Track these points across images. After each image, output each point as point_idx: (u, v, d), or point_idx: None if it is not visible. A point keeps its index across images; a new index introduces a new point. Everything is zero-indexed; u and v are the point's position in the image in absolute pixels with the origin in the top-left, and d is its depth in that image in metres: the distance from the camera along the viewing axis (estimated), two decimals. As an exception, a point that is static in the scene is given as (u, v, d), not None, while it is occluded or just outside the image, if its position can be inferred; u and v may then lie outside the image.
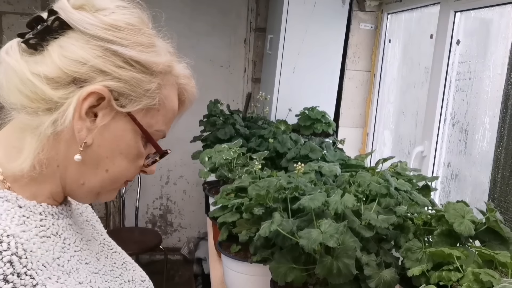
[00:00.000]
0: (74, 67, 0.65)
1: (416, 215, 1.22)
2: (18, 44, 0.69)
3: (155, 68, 0.70)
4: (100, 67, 0.66)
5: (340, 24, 2.56)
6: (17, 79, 0.66)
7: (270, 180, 1.32)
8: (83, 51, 0.66)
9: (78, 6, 0.69)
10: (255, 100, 3.24)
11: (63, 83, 0.66)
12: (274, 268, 1.14)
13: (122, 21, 0.69)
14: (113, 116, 0.69)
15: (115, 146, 0.70)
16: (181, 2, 3.21)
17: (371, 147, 2.65)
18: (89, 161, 0.70)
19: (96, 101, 0.67)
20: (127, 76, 0.68)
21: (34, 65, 0.66)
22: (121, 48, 0.67)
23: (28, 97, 0.66)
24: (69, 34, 0.67)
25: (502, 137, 1.56)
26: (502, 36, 1.65)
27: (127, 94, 0.68)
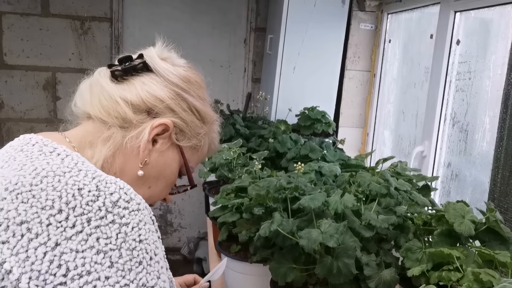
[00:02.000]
0: (153, 101, 0.83)
1: (416, 215, 1.22)
2: (106, 71, 0.86)
3: (207, 119, 0.90)
4: (172, 107, 0.85)
5: (340, 24, 2.56)
6: (107, 97, 0.83)
7: (270, 180, 1.32)
8: (162, 91, 0.84)
9: (162, 58, 0.88)
10: (255, 100, 3.24)
11: (140, 110, 0.83)
12: (274, 268, 1.14)
13: (192, 77, 0.90)
14: (169, 146, 0.86)
15: (163, 170, 0.87)
16: (181, 2, 3.21)
17: (371, 147, 2.64)
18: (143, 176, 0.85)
19: (161, 131, 0.84)
20: (188, 119, 0.87)
21: (122, 91, 0.83)
22: (189, 96, 0.87)
23: (108, 113, 0.82)
24: (149, 75, 0.85)
25: (502, 137, 1.56)
26: (502, 36, 1.65)
27: (185, 132, 0.87)
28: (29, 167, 0.71)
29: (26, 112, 3.15)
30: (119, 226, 0.67)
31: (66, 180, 0.69)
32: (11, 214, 0.66)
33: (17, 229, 0.65)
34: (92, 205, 0.67)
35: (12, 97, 3.12)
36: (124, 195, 0.69)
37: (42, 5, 3.04)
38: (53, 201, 0.66)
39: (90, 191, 0.68)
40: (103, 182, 0.70)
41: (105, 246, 0.65)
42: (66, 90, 3.36)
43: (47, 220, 0.65)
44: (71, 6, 3.07)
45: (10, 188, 0.68)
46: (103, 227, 0.66)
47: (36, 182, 0.68)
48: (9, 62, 3.06)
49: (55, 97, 3.17)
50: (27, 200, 0.67)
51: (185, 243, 3.75)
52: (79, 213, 0.66)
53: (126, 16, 3.15)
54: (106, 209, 0.67)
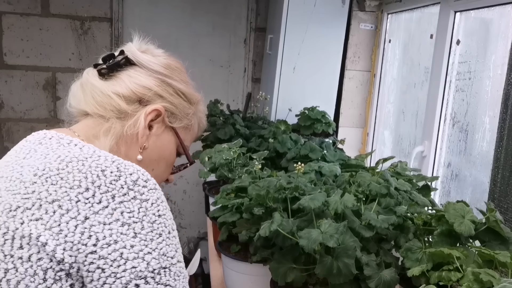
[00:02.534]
0: (142, 91, 0.91)
1: (416, 215, 1.22)
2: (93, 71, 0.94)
3: (193, 99, 0.99)
4: (160, 93, 0.93)
5: (340, 24, 2.56)
6: (99, 93, 0.90)
7: (270, 180, 1.32)
8: (148, 81, 0.92)
9: (142, 50, 0.96)
10: (255, 100, 3.24)
11: (132, 101, 0.91)
12: (274, 268, 1.14)
13: (173, 63, 0.98)
14: (164, 129, 0.95)
15: (162, 151, 0.96)
16: (181, 2, 3.21)
17: (371, 147, 2.64)
18: (143, 161, 0.92)
19: (155, 116, 0.92)
20: (176, 102, 0.95)
21: (112, 86, 0.91)
22: (173, 81, 0.95)
23: (104, 107, 0.90)
24: (134, 68, 0.93)
25: (502, 137, 1.56)
26: (502, 36, 1.65)
27: (175, 115, 0.95)
28: (53, 156, 0.78)
29: (26, 112, 3.15)
30: (140, 201, 0.74)
31: (89, 164, 0.76)
32: (42, 195, 0.73)
33: (49, 207, 0.72)
34: (115, 184, 0.74)
35: (12, 97, 3.12)
36: (142, 176, 0.77)
37: (42, 5, 3.04)
38: (80, 181, 0.74)
39: (112, 172, 0.75)
40: (122, 165, 0.77)
41: (128, 219, 0.72)
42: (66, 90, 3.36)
43: (75, 197, 0.72)
44: (71, 6, 3.07)
45: (39, 173, 0.76)
46: (126, 202, 0.73)
47: (62, 167, 0.76)
48: (9, 62, 3.06)
49: (55, 97, 3.17)
50: (56, 182, 0.74)
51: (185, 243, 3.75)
52: (104, 190, 0.73)
53: (126, 16, 3.15)
54: (128, 187, 0.74)
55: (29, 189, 0.75)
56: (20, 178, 0.77)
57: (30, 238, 0.71)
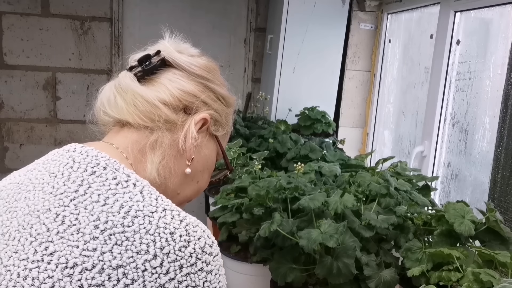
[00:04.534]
0: (188, 98, 0.82)
1: (416, 215, 1.22)
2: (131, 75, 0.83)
3: (230, 103, 0.91)
4: (205, 100, 0.84)
5: (340, 24, 2.56)
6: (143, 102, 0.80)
7: (270, 180, 1.32)
8: (191, 86, 0.83)
9: (179, 50, 0.87)
10: (255, 100, 3.24)
11: (178, 109, 0.82)
12: (274, 268, 1.14)
13: (211, 65, 0.90)
14: (208, 138, 0.87)
15: (206, 162, 0.88)
16: (181, 2, 3.21)
17: (371, 147, 2.64)
18: (190, 174, 0.85)
19: (201, 126, 0.84)
20: (219, 108, 0.87)
21: (156, 93, 0.80)
22: (215, 86, 0.87)
23: (151, 118, 0.80)
24: (171, 71, 0.84)
25: (502, 137, 1.56)
26: (502, 36, 1.65)
27: (219, 122, 0.88)
28: (114, 203, 0.68)
29: (26, 112, 3.15)
30: (206, 274, 0.68)
31: (156, 222, 0.67)
32: (106, 257, 0.64)
33: (113, 273, 0.63)
34: (184, 251, 0.66)
35: (12, 97, 3.12)
36: (207, 239, 0.69)
37: (42, 5, 3.04)
38: (148, 245, 0.65)
39: (182, 236, 0.67)
40: (190, 226, 0.69)
41: None
42: (66, 90, 3.37)
43: (142, 265, 0.64)
44: (71, 6, 3.07)
45: (101, 227, 0.66)
46: (192, 274, 0.66)
47: (128, 223, 0.66)
48: (9, 62, 3.06)
49: (55, 97, 3.17)
50: (121, 242, 0.65)
51: (185, 243, 3.75)
52: (172, 259, 0.65)
53: (126, 16, 3.15)
54: (196, 256, 0.67)
55: (89, 245, 0.64)
56: (77, 226, 0.66)
57: None
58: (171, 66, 0.84)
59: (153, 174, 0.79)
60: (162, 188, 0.81)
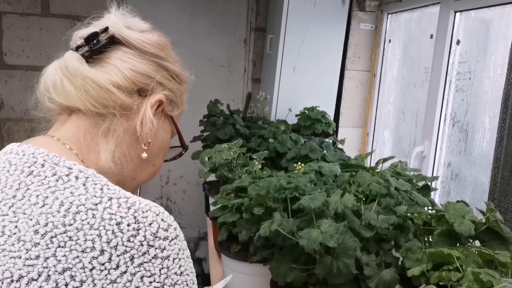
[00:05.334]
0: (142, 79, 0.76)
1: (416, 215, 1.22)
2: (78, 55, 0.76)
3: (184, 80, 0.85)
4: (160, 80, 0.78)
5: (340, 24, 2.56)
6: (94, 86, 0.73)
7: (270, 180, 1.32)
8: (144, 66, 0.77)
9: (128, 26, 0.79)
10: (255, 100, 3.24)
11: (132, 92, 0.76)
12: (274, 268, 1.14)
13: (163, 41, 0.82)
14: (163, 119, 0.82)
15: (162, 144, 0.83)
16: (181, 2, 3.21)
17: (371, 147, 2.64)
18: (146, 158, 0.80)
19: (156, 107, 0.79)
20: (174, 87, 0.81)
21: (107, 75, 0.74)
22: (168, 64, 0.80)
23: (104, 104, 0.73)
24: (122, 49, 0.76)
25: (502, 137, 1.56)
26: (502, 36, 1.65)
27: (175, 102, 0.83)
28: (54, 202, 0.63)
29: (26, 112, 3.15)
30: (161, 260, 0.63)
31: (101, 215, 0.63)
32: (50, 262, 0.60)
33: (59, 278, 0.59)
34: (134, 241, 0.62)
35: (12, 97, 3.12)
36: (161, 223, 0.65)
37: (42, 5, 3.03)
38: (93, 241, 0.61)
39: (129, 225, 0.63)
40: (139, 212, 0.64)
41: (149, 285, 0.62)
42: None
43: (90, 264, 0.60)
44: (71, 6, 3.07)
45: (41, 231, 0.61)
46: (146, 264, 0.62)
47: (69, 221, 0.62)
48: (9, 62, 3.06)
49: (55, 97, 3.17)
50: (64, 243, 0.60)
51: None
52: (121, 251, 0.61)
53: (126, 16, 3.15)
54: (148, 243, 0.63)
55: (31, 252, 0.60)
56: (17, 234, 0.61)
57: None
58: (121, 44, 0.77)
59: (109, 162, 0.74)
60: (118, 176, 0.77)
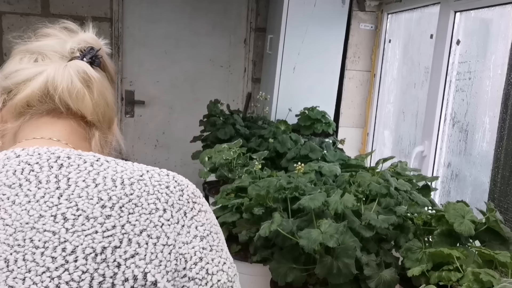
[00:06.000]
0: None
1: (416, 215, 1.22)
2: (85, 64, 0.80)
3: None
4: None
5: (340, 24, 2.56)
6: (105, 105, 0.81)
7: (270, 180, 1.32)
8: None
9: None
10: (255, 100, 3.24)
11: None
12: (274, 268, 1.14)
13: None
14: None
15: None
16: (181, 2, 3.21)
17: (371, 147, 2.64)
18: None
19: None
20: None
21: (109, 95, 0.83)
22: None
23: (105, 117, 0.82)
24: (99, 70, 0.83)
25: (502, 137, 1.56)
26: (502, 36, 1.65)
27: None
28: (104, 180, 0.68)
29: (26, 112, 3.15)
30: (204, 213, 0.73)
31: (151, 183, 0.71)
32: (127, 228, 0.65)
33: (139, 239, 0.65)
34: (182, 199, 0.72)
35: (12, 97, 3.12)
36: (192, 184, 0.75)
37: (42, 5, 3.03)
38: (155, 204, 0.69)
39: (175, 187, 0.72)
40: (176, 177, 0.74)
41: (203, 232, 0.71)
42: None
43: (159, 222, 0.68)
44: (71, 6, 3.07)
45: (108, 204, 0.66)
46: (195, 216, 0.72)
47: (130, 191, 0.68)
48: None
49: (55, 97, 3.17)
50: (132, 210, 0.67)
51: (185, 243, 3.75)
52: (177, 209, 0.70)
53: (126, 16, 3.15)
54: (192, 200, 0.73)
55: (106, 224, 0.64)
56: (83, 215, 0.65)
57: (136, 280, 0.63)
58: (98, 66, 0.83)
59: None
60: None
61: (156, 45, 3.16)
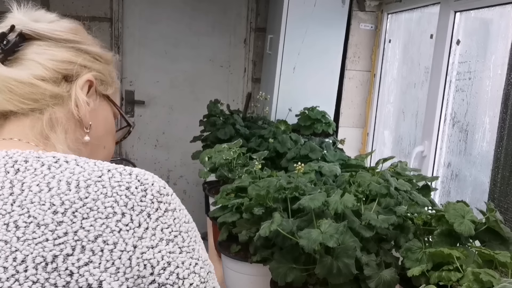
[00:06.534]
0: (65, 66, 0.78)
1: (416, 215, 1.22)
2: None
3: (109, 59, 0.87)
4: (83, 63, 0.80)
5: (340, 24, 2.56)
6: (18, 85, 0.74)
7: (270, 180, 1.32)
8: (64, 53, 0.78)
9: (35, 20, 0.80)
10: (255, 100, 3.24)
11: (59, 81, 0.77)
12: (274, 268, 1.14)
13: (74, 26, 0.84)
14: (99, 100, 0.84)
15: (106, 124, 0.86)
16: (181, 2, 3.21)
17: (371, 147, 2.64)
18: (93, 140, 0.82)
19: (88, 89, 0.81)
20: (100, 68, 0.84)
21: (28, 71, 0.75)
22: (87, 46, 0.82)
23: (34, 99, 0.75)
24: (36, 43, 0.77)
25: (502, 137, 1.56)
26: (502, 36, 1.65)
27: (105, 81, 0.85)
28: (58, 183, 0.66)
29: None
30: (171, 212, 0.69)
31: (109, 184, 0.67)
32: (81, 234, 0.62)
33: (94, 246, 0.62)
34: (145, 200, 0.67)
35: (12, 97, 3.12)
36: (159, 182, 0.71)
37: (42, 5, 3.03)
38: (113, 207, 0.65)
39: (137, 187, 0.68)
40: (140, 176, 0.69)
41: (169, 234, 0.67)
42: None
43: (116, 227, 0.64)
44: (71, 6, 3.07)
45: (60, 210, 0.63)
46: (161, 217, 0.67)
47: (84, 195, 0.65)
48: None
49: (55, 97, 3.17)
50: (87, 214, 0.64)
51: (185, 243, 3.75)
52: (138, 211, 0.66)
53: (126, 16, 3.15)
54: (157, 200, 0.68)
55: (58, 231, 0.62)
56: (34, 222, 0.62)
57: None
58: (33, 39, 0.77)
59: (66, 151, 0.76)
60: None
61: (156, 45, 3.16)
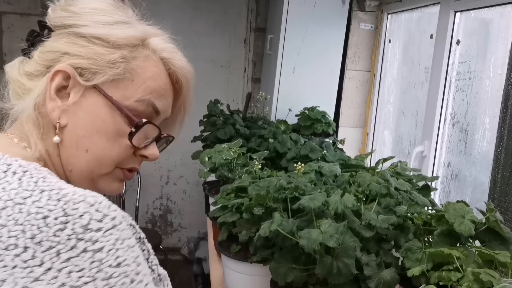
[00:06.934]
0: (45, 57, 0.72)
1: (416, 215, 1.22)
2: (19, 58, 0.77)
3: (121, 41, 0.73)
4: (64, 50, 0.72)
5: (340, 24, 2.56)
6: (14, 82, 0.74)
7: (270, 180, 1.32)
8: (54, 43, 0.73)
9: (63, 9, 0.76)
10: (255, 100, 3.24)
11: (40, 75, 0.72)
12: (274, 268, 1.14)
13: (88, 7, 0.75)
14: (83, 93, 0.71)
15: (90, 123, 0.72)
16: (182, 2, 3.21)
17: (371, 147, 2.64)
18: (68, 143, 0.71)
19: (65, 81, 0.71)
20: (88, 52, 0.72)
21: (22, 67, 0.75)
22: (82, 28, 0.72)
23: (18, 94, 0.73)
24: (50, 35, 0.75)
25: (502, 137, 1.56)
26: (502, 36, 1.65)
27: (89, 68, 0.71)
28: None
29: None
30: (92, 253, 0.57)
31: (27, 209, 0.58)
32: None
33: None
34: (60, 235, 0.57)
35: (12, 97, 3.12)
36: (95, 214, 0.59)
37: (42, 5, 3.03)
38: (17, 238, 0.56)
39: (57, 218, 0.58)
40: (70, 204, 0.59)
41: (78, 280, 0.56)
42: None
43: (12, 262, 0.55)
44: (71, 6, 3.07)
45: None
46: (74, 258, 0.57)
47: None
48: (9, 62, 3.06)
49: (55, 97, 3.17)
50: None
51: (185, 243, 3.76)
52: (46, 247, 0.56)
53: (126, 16, 3.15)
54: (76, 237, 0.57)
55: None
56: None
57: None
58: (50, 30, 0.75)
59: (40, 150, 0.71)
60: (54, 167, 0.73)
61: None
